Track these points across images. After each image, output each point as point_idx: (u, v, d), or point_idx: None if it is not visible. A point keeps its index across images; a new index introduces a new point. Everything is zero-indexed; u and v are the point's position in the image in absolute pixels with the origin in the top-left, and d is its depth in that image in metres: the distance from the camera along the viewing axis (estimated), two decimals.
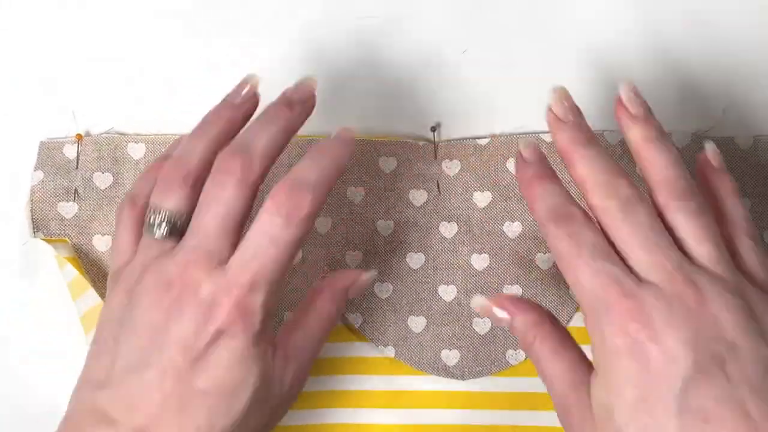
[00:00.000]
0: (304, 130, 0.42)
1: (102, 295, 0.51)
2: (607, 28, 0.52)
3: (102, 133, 0.52)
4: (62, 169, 0.52)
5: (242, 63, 0.52)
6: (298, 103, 0.41)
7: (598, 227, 0.38)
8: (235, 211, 0.38)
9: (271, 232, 0.37)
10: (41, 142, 0.52)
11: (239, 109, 0.42)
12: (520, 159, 0.41)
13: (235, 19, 0.53)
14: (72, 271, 0.50)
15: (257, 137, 0.40)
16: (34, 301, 0.52)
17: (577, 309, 0.51)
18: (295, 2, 0.53)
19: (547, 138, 0.51)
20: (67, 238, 0.51)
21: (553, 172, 0.40)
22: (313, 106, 0.42)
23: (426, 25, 0.53)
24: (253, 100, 0.43)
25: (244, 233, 0.39)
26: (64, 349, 0.51)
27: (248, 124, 0.42)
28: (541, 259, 0.51)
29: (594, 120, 0.51)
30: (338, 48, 0.53)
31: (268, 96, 0.43)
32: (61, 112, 0.52)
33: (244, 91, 0.43)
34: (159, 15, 0.53)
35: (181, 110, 0.52)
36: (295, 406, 0.51)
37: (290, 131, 0.41)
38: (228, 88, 0.53)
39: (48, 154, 0.52)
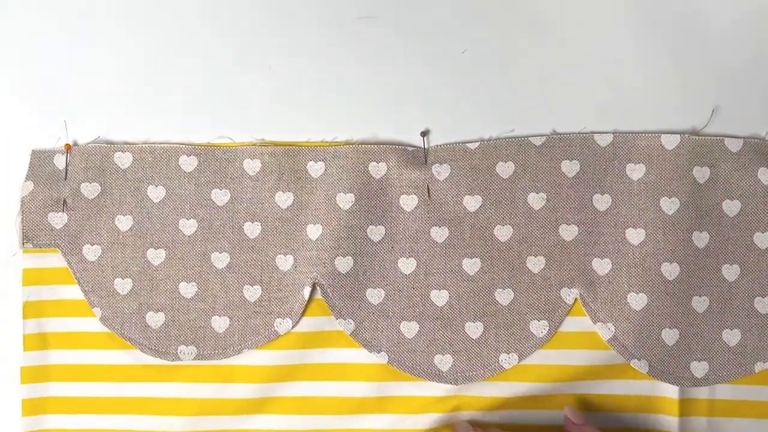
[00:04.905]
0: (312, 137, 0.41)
1: (93, 304, 0.51)
2: (604, 31, 0.52)
3: (89, 143, 0.52)
4: (51, 180, 0.51)
5: (232, 72, 0.52)
6: None
7: None
8: None
9: None
10: (33, 150, 0.51)
11: None
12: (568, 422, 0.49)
13: (224, 29, 0.53)
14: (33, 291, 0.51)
15: None
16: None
17: (568, 312, 0.51)
18: (291, 4, 0.53)
19: (536, 141, 0.51)
20: (57, 248, 0.51)
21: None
22: None
23: (421, 27, 0.52)
24: None
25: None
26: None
27: None
28: (532, 262, 0.51)
29: (590, 120, 0.52)
30: (334, 49, 0.52)
31: (265, 97, 0.43)
32: (51, 120, 0.52)
33: None
34: (149, 25, 0.53)
35: (169, 117, 0.52)
36: (288, 412, 0.51)
37: None
38: (217, 96, 0.53)
39: (39, 164, 0.51)
